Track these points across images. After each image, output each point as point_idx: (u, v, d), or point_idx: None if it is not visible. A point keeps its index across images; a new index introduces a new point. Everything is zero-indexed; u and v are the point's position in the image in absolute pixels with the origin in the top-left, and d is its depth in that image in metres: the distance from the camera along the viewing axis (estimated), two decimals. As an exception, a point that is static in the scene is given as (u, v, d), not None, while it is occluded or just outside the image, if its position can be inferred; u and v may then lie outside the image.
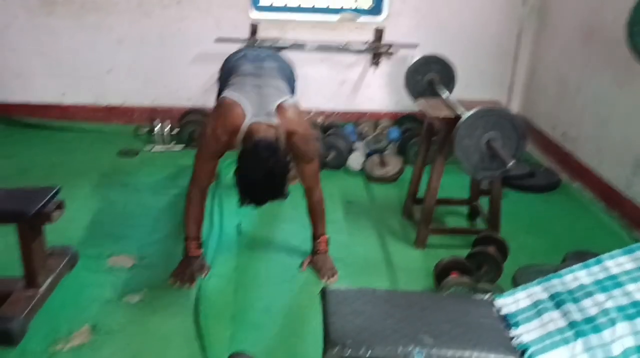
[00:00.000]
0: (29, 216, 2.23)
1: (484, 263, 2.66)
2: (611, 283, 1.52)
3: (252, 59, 2.77)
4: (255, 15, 4.30)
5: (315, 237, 2.77)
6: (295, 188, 3.45)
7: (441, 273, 2.57)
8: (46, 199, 2.31)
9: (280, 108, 2.41)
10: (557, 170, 3.98)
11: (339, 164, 3.92)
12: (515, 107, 4.55)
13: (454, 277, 2.48)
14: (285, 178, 2.29)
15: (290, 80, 2.84)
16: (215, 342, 2.21)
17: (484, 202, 3.15)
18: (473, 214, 3.30)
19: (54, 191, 2.38)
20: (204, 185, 2.60)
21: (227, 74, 2.77)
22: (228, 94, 2.48)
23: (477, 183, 3.21)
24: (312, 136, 2.60)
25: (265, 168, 2.21)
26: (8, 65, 4.32)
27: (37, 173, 3.66)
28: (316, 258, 2.76)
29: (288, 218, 3.22)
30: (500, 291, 2.47)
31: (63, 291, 2.49)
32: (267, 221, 3.21)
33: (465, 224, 3.30)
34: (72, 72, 4.35)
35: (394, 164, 3.83)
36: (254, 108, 2.40)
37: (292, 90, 2.88)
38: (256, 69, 2.65)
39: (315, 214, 2.72)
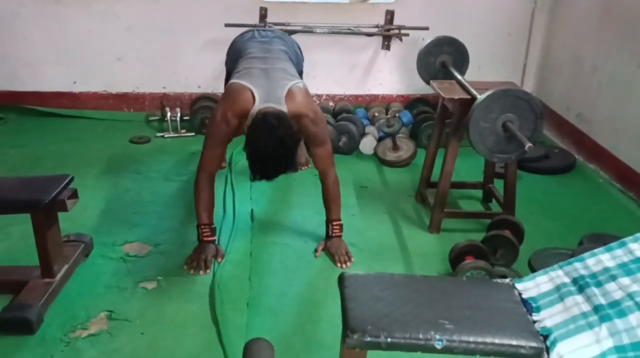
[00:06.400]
0: (44, 204, 2.22)
1: (500, 247, 2.63)
2: (636, 266, 1.48)
3: (259, 40, 2.81)
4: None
5: (329, 221, 2.75)
6: (307, 174, 3.48)
7: (456, 257, 2.55)
8: (60, 187, 2.30)
9: (289, 93, 2.44)
10: (572, 151, 3.93)
11: (351, 148, 3.90)
12: (528, 88, 4.48)
13: (469, 261, 2.46)
14: (295, 148, 2.33)
15: (297, 62, 2.87)
16: (231, 328, 2.21)
17: (498, 185, 3.11)
18: (487, 197, 3.27)
19: (68, 179, 2.37)
20: (212, 171, 2.61)
21: (235, 56, 2.79)
22: (237, 80, 2.50)
23: (492, 166, 3.18)
24: (322, 118, 2.60)
25: (274, 137, 2.26)
26: (18, 54, 4.31)
27: (50, 162, 3.67)
28: (330, 243, 2.74)
29: (301, 203, 3.21)
30: (517, 275, 2.45)
31: (79, 279, 2.49)
32: (280, 207, 3.19)
33: (479, 208, 3.27)
34: (82, 60, 4.34)
35: (406, 147, 3.80)
36: (263, 93, 2.43)
37: (300, 73, 2.90)
38: (264, 51, 2.68)
39: (330, 198, 2.70)
